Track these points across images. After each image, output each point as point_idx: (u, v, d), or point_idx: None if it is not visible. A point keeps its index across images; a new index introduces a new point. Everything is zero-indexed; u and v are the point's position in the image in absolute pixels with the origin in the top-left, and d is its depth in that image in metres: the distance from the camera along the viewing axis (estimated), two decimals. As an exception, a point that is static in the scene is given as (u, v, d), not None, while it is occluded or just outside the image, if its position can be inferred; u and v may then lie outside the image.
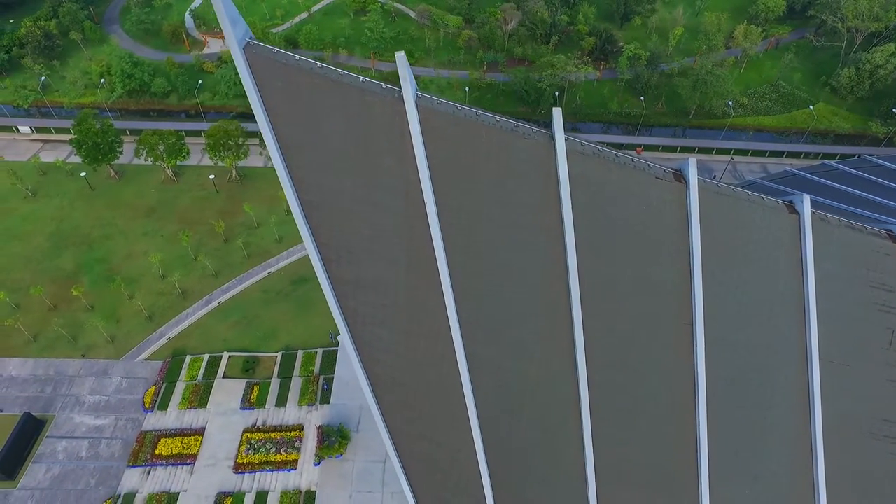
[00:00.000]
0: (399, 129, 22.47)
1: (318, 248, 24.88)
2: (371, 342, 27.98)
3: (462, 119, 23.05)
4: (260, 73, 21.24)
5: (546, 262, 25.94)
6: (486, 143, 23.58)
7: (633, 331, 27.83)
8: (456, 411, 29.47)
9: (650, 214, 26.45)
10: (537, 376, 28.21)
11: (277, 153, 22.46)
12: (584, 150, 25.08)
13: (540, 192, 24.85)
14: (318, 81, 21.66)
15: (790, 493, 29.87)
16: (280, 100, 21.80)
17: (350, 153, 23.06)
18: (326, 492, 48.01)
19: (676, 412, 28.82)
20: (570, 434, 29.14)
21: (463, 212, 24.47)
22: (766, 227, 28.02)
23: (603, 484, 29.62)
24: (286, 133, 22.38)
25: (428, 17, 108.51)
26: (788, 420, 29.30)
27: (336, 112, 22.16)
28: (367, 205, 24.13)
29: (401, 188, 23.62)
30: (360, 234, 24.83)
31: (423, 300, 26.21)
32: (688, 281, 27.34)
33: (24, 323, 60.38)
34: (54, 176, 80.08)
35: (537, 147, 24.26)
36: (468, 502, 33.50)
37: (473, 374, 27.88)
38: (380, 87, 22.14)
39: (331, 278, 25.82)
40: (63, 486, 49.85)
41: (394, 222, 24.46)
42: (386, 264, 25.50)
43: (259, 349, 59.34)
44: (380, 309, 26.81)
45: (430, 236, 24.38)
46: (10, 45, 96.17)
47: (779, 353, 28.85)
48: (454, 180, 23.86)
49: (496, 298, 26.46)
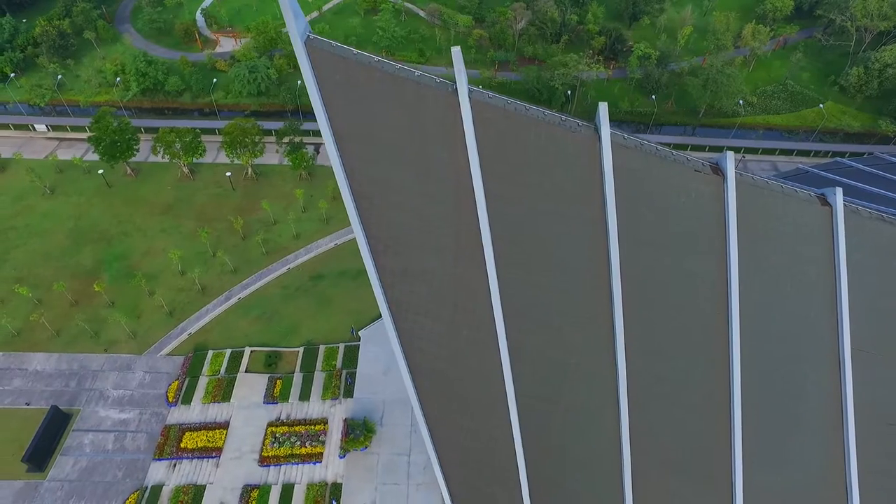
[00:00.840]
0: (452, 122, 23.13)
1: (367, 238, 25.47)
2: (413, 332, 28.60)
3: (512, 113, 23.72)
4: (319, 66, 21.86)
5: (588, 252, 26.61)
6: (535, 136, 24.25)
7: (671, 320, 28.50)
8: (495, 400, 30.14)
9: (689, 206, 27.14)
10: (577, 365, 28.88)
11: (332, 144, 23.10)
12: (627, 143, 25.77)
13: (584, 184, 25.53)
14: (374, 74, 22.32)
15: (822, 480, 30.55)
16: (337, 92, 22.45)
17: (403, 145, 23.72)
18: (353, 484, 48.66)
19: (711, 400, 29.50)
20: (606, 421, 29.82)
21: (510, 203, 25.13)
22: (799, 218, 28.72)
23: (638, 470, 30.28)
24: (341, 124, 23.03)
25: (438, 17, 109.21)
26: (820, 408, 29.98)
27: (391, 104, 22.81)
28: (417, 196, 24.79)
29: (451, 179, 24.27)
30: (408, 225, 25.48)
31: (468, 290, 26.87)
32: (724, 271, 28.03)
33: (47, 318, 60.96)
34: (71, 173, 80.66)
35: (583, 140, 24.93)
36: (501, 490, 34.20)
37: (514, 362, 28.54)
38: (434, 81, 22.81)
39: (378, 269, 26.41)
40: (91, 478, 50.49)
41: (442, 213, 25.11)
42: (433, 254, 26.15)
43: (280, 344, 59.97)
44: (424, 299, 27.44)
45: (477, 227, 25.04)
46: (25, 44, 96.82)
47: (811, 342, 29.54)
48: (503, 172, 24.52)
49: (540, 288, 27.12)
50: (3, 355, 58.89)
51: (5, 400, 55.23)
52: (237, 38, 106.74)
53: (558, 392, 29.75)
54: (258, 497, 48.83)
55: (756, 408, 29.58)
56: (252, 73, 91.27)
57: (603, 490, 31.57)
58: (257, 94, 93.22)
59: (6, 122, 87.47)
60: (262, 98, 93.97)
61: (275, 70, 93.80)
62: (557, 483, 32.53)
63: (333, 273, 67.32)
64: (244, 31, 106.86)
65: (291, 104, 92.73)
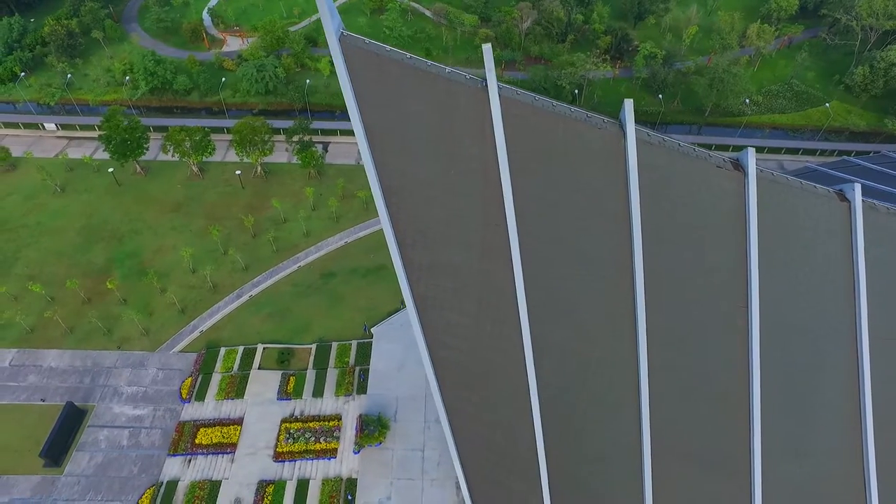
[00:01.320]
0: (481, 117, 23.53)
1: (395, 232, 25.85)
2: (438, 326, 29.00)
3: (540, 109, 24.12)
4: (352, 62, 22.23)
5: (612, 247, 27.01)
6: (562, 132, 24.66)
7: (692, 313, 28.91)
8: (517, 393, 30.54)
9: (710, 201, 27.55)
10: (599, 357, 29.27)
11: (364, 138, 23.50)
12: (651, 139, 26.17)
13: (608, 180, 25.93)
14: (406, 70, 22.71)
15: (841, 470, 30.97)
16: (369, 87, 22.84)
17: (432, 139, 24.11)
18: (367, 479, 49.02)
19: (731, 392, 29.90)
20: (627, 413, 30.21)
21: (536, 198, 25.53)
22: (818, 214, 29.15)
23: (658, 461, 30.67)
24: (372, 119, 23.42)
25: (444, 16, 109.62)
26: (839, 401, 30.39)
27: (422, 100, 23.21)
28: (445, 190, 25.17)
29: (479, 174, 24.66)
30: (436, 220, 25.87)
31: (494, 284, 27.26)
32: (744, 265, 28.43)
33: (60, 315, 61.31)
34: (81, 172, 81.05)
35: (608, 137, 25.34)
36: (520, 482, 34.61)
37: (537, 356, 28.92)
38: (464, 77, 23.21)
39: (404, 262, 26.79)
40: (107, 473, 50.84)
41: (470, 208, 25.51)
42: (459, 248, 26.54)
43: (293, 341, 60.34)
44: (450, 293, 27.83)
45: (504, 221, 25.43)
46: (34, 43, 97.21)
47: (830, 335, 29.95)
48: (530, 167, 24.91)
49: (564, 282, 27.51)
50: (18, 352, 59.26)
51: (21, 396, 55.58)
52: (244, 37, 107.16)
53: (580, 385, 30.14)
54: (273, 492, 49.19)
55: (775, 400, 29.97)
56: (260, 71, 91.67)
57: (622, 482, 31.95)
58: (265, 92, 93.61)
59: (16, 121, 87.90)
60: (270, 97, 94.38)
61: (283, 69, 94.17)
62: (576, 475, 32.93)
63: (344, 271, 67.70)
64: (251, 30, 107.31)
65: (299, 103, 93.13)
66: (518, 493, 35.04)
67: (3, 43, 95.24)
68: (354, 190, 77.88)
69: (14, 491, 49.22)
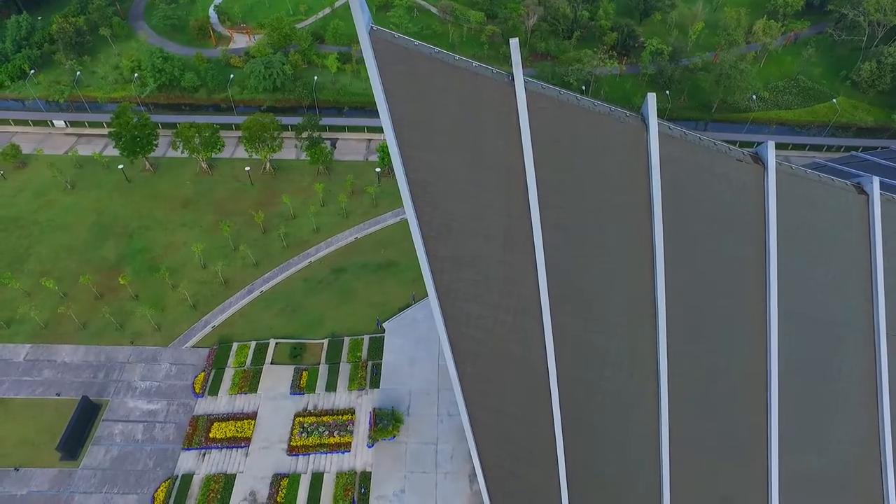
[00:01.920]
0: (507, 111, 23.81)
1: (420, 224, 26.15)
2: (459, 318, 29.28)
3: (565, 102, 24.40)
4: (381, 56, 22.53)
5: (633, 239, 27.30)
6: (585, 125, 24.95)
7: (711, 304, 29.21)
8: (536, 384, 30.86)
9: (730, 194, 27.82)
10: (618, 348, 29.58)
11: (391, 131, 23.77)
12: (672, 133, 26.46)
13: (631, 172, 26.21)
14: (434, 64, 23.00)
15: (857, 462, 31.28)
16: (397, 81, 23.13)
17: (458, 132, 24.40)
18: (382, 472, 49.45)
19: (749, 383, 30.20)
20: (646, 404, 30.53)
21: (559, 190, 25.82)
22: (836, 206, 29.44)
23: (676, 451, 30.98)
24: (400, 112, 23.71)
25: (450, 13, 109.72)
26: (856, 392, 30.69)
27: (449, 93, 23.50)
28: (470, 183, 25.46)
29: (504, 167, 24.95)
30: (460, 212, 26.16)
31: (516, 276, 27.57)
32: (763, 258, 28.71)
33: (73, 311, 61.69)
34: (90, 169, 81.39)
35: (631, 130, 25.61)
36: (537, 473, 34.94)
37: (558, 347, 29.24)
38: (491, 71, 23.49)
39: (428, 254, 27.07)
40: (123, 466, 51.31)
41: (494, 200, 25.80)
42: (483, 241, 26.84)
43: (305, 336, 60.73)
44: (472, 285, 28.12)
45: (528, 213, 25.73)
46: (42, 41, 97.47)
47: (847, 326, 30.24)
48: (554, 160, 25.20)
49: (585, 273, 27.82)
50: (32, 347, 59.73)
51: (37, 390, 56.05)
52: (250, 34, 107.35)
53: (599, 375, 30.44)
54: (288, 485, 49.62)
55: (793, 391, 30.27)
56: (268, 68, 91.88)
57: (640, 472, 32.28)
58: (273, 89, 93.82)
59: (26, 119, 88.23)
60: (278, 94, 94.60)
61: (290, 66, 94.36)
62: (594, 465, 33.27)
63: (355, 266, 68.02)
64: (257, 27, 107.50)
65: (307, 100, 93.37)
66: (535, 485, 35.40)
67: (12, 41, 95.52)
68: (363, 186, 78.20)
69: (32, 483, 49.72)
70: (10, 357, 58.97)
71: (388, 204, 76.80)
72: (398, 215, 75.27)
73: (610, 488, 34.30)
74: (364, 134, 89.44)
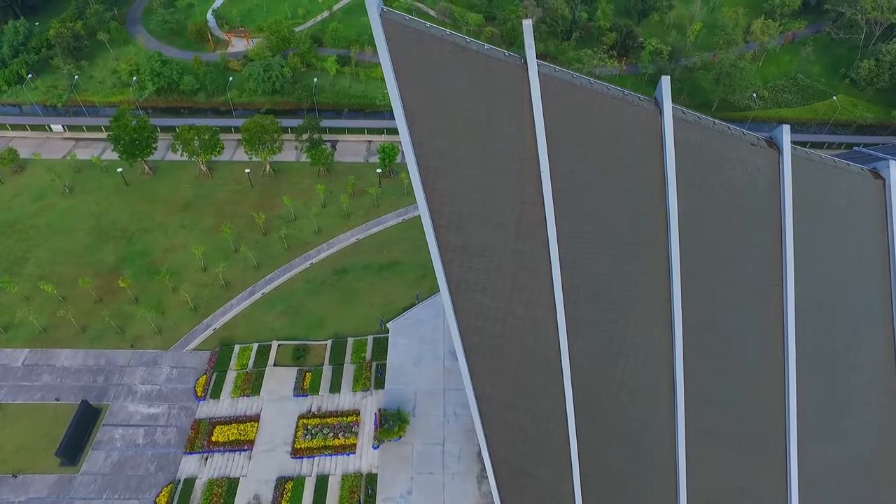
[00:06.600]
0: (520, 94, 23.32)
1: (431, 213, 25.58)
2: (470, 310, 28.70)
3: (578, 86, 23.93)
4: (392, 38, 22.07)
5: (647, 225, 26.77)
6: (599, 109, 24.48)
7: (727, 292, 28.65)
8: (549, 377, 30.23)
9: (745, 179, 27.34)
10: (632, 338, 28.98)
11: (402, 117, 23.25)
12: (686, 117, 26.01)
13: (645, 157, 25.71)
14: (445, 47, 22.53)
15: (877, 451, 30.65)
16: (408, 64, 22.65)
17: (471, 118, 23.90)
18: (388, 474, 48.56)
19: (766, 372, 29.60)
20: (661, 395, 29.90)
21: (573, 176, 25.31)
22: (852, 192, 28.95)
23: (692, 443, 30.33)
24: (411, 97, 23.22)
25: (449, 15, 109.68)
26: (874, 381, 30.11)
27: (461, 77, 23.02)
28: (482, 169, 24.93)
29: (517, 153, 24.44)
30: (471, 200, 25.62)
31: (528, 265, 26.99)
32: (779, 243, 28.20)
33: (72, 315, 60.83)
34: (89, 173, 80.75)
35: (645, 114, 25.15)
36: (550, 470, 34.21)
37: (571, 338, 28.63)
38: (503, 54, 23.02)
39: (439, 244, 26.49)
40: (123, 471, 50.33)
41: (506, 187, 25.27)
42: (494, 230, 26.28)
43: (308, 337, 59.91)
44: (483, 275, 27.54)
45: (541, 201, 25.20)
46: (40, 46, 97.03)
47: (864, 314, 29.70)
48: (567, 145, 24.70)
49: (598, 261, 27.25)
50: (31, 351, 58.80)
51: (35, 395, 55.09)
52: (249, 37, 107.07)
53: (613, 366, 29.82)
54: (293, 489, 48.66)
55: (810, 380, 29.69)
56: (267, 71, 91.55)
57: (655, 465, 31.59)
58: (272, 92, 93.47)
59: (23, 123, 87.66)
60: (277, 96, 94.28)
61: (289, 68, 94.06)
62: (608, 460, 32.58)
63: (357, 267, 67.35)
64: (255, 31, 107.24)
65: (307, 102, 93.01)
66: (547, 482, 34.65)
67: (9, 46, 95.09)
68: (364, 187, 77.68)
69: (31, 490, 48.72)
70: (8, 362, 58.04)
71: (390, 205, 76.34)
72: (400, 216, 74.79)
73: (624, 483, 33.59)
74: (364, 136, 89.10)
